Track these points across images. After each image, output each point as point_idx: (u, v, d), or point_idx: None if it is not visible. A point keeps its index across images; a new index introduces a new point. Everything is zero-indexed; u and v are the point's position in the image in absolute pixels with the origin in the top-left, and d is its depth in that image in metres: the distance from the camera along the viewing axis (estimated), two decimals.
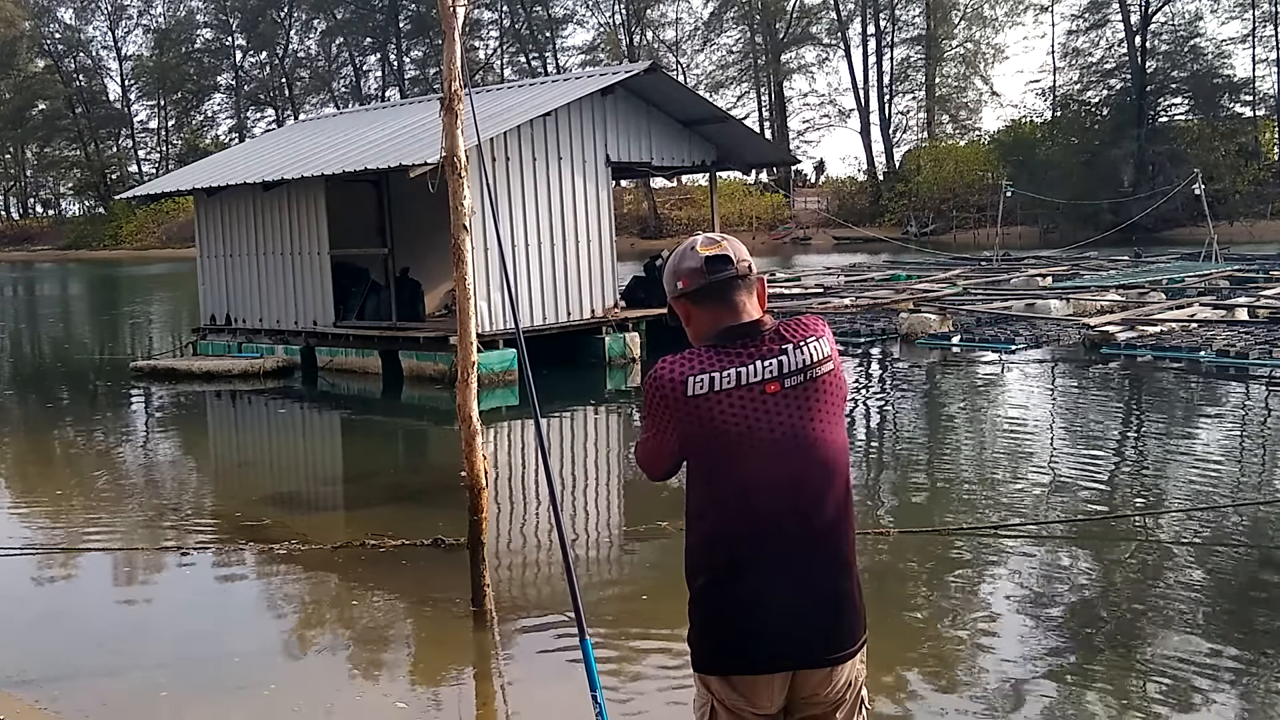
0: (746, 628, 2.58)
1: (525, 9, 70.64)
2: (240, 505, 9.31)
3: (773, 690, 2.61)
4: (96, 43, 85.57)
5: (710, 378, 2.57)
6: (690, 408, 2.57)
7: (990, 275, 26.26)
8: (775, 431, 2.57)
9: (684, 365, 2.60)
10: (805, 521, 2.59)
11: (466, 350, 6.13)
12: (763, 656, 2.59)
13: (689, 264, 2.68)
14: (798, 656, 2.60)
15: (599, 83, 16.75)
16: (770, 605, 2.57)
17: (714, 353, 2.61)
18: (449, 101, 6.00)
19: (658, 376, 2.62)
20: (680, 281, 2.69)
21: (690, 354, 2.63)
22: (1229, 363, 14.00)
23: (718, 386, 2.57)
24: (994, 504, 8.32)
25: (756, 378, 2.58)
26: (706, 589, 2.63)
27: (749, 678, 2.60)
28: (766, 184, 62.60)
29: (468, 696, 5.40)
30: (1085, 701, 4.97)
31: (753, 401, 2.57)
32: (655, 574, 6.73)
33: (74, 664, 5.80)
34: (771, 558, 2.58)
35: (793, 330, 2.65)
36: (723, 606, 2.61)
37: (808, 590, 2.60)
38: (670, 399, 2.59)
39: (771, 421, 2.57)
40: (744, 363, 2.58)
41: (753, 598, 2.58)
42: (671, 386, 2.59)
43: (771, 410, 2.58)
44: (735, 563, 2.59)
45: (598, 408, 13.96)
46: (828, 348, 2.65)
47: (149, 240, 73.36)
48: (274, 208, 17.13)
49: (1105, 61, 58.05)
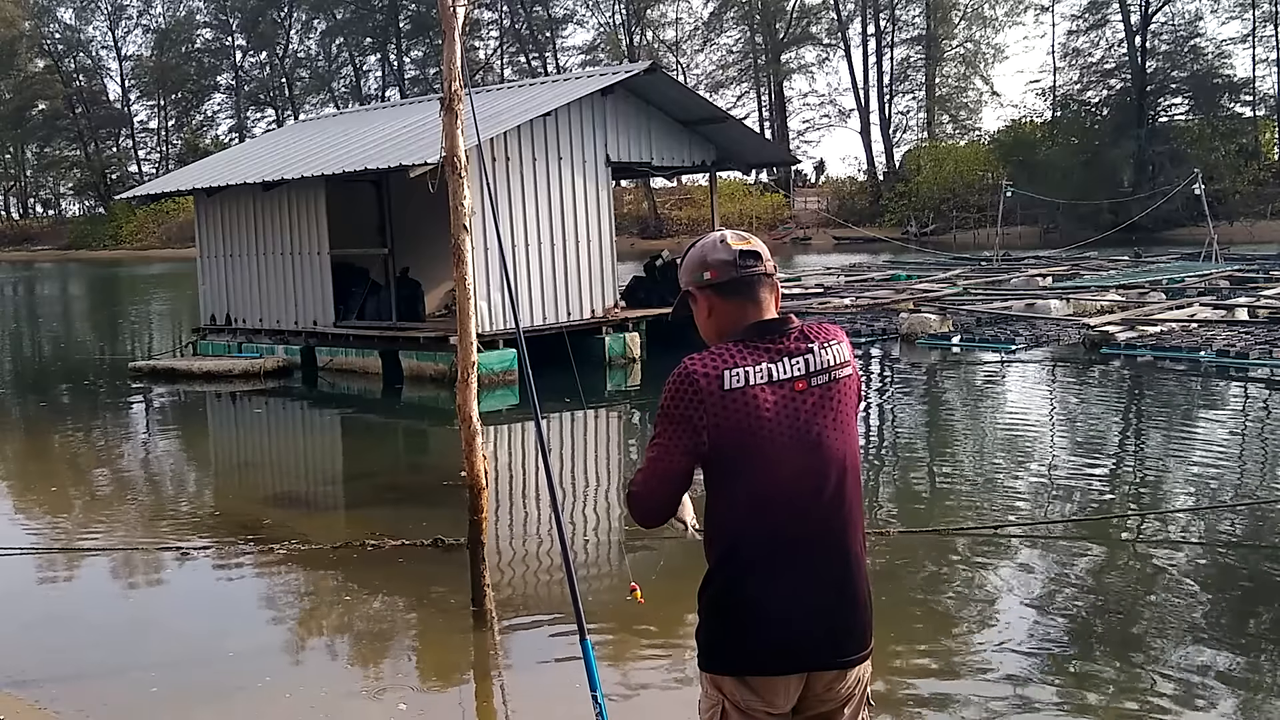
0: (769, 627, 2.56)
1: (525, 9, 70.63)
2: (240, 505, 9.32)
3: (790, 689, 2.59)
4: (96, 43, 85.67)
5: (745, 372, 2.53)
6: (727, 401, 2.51)
7: (990, 275, 26.26)
8: (800, 429, 2.56)
9: (716, 360, 2.55)
10: (826, 520, 2.59)
11: (466, 350, 6.13)
12: (786, 656, 2.57)
13: (720, 256, 2.64)
14: (821, 656, 2.59)
15: (599, 83, 16.75)
16: (793, 604, 2.56)
17: (744, 348, 2.57)
18: (449, 101, 6.00)
19: (689, 372, 2.54)
20: (709, 273, 2.64)
21: (719, 350, 2.58)
22: (1229, 363, 14.00)
23: (752, 381, 2.53)
24: (994, 504, 8.32)
25: (786, 374, 2.56)
26: (727, 588, 2.59)
27: (767, 678, 2.57)
28: (766, 184, 62.60)
29: (468, 696, 5.40)
30: (1085, 701, 4.97)
31: (783, 398, 2.55)
32: (657, 573, 6.72)
33: (74, 664, 5.80)
34: (794, 556, 2.56)
35: (816, 331, 2.65)
36: (744, 606, 2.57)
37: (830, 589, 2.60)
38: (704, 393, 2.51)
39: (797, 419, 2.56)
40: (774, 359, 2.56)
41: (776, 597, 2.56)
42: (706, 380, 2.51)
43: (799, 408, 2.57)
44: (757, 561, 2.56)
45: (598, 408, 13.96)
46: (848, 353, 2.67)
47: (149, 240, 73.31)
48: (274, 208, 17.12)
49: (1105, 61, 58.09)
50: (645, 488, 2.66)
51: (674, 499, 2.66)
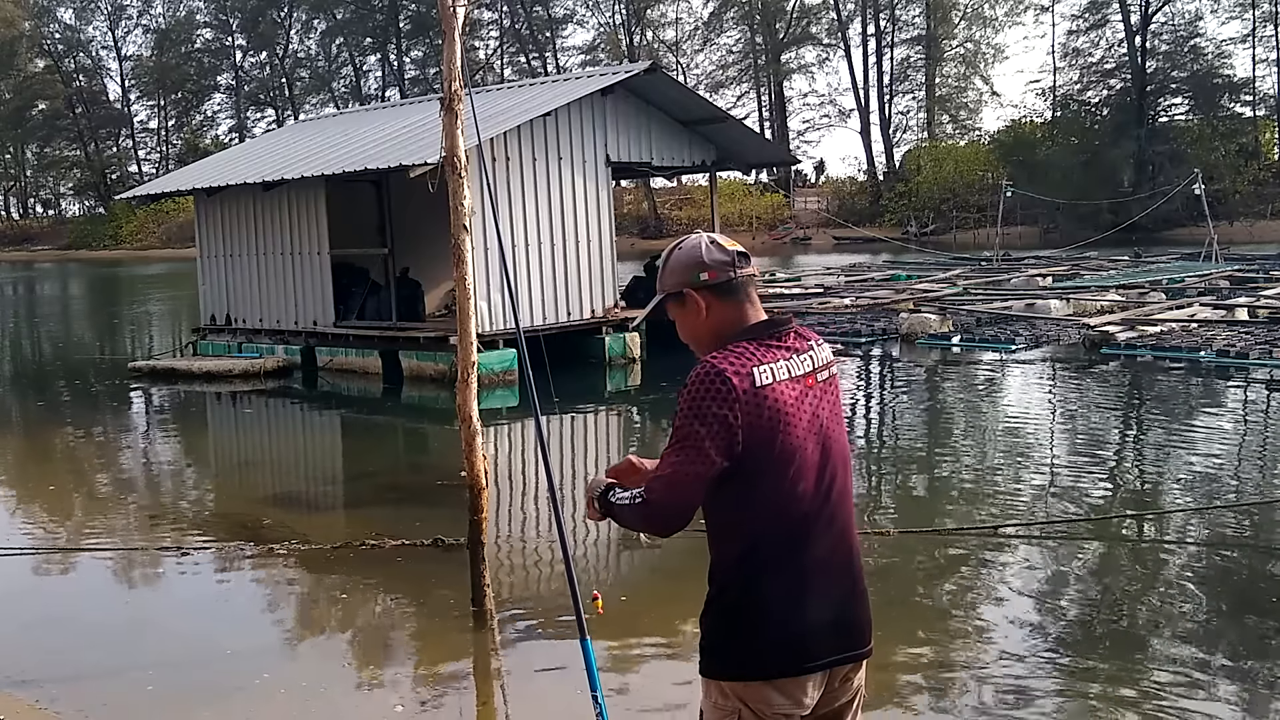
0: (793, 625, 2.54)
1: (525, 9, 70.62)
2: (240, 505, 9.32)
3: (816, 686, 2.58)
4: (96, 43, 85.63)
5: (771, 369, 2.52)
6: (759, 398, 2.48)
7: (990, 275, 26.27)
8: (816, 424, 2.58)
9: (743, 359, 2.51)
10: (835, 516, 2.61)
11: (466, 350, 6.13)
12: (811, 653, 2.55)
13: (717, 256, 2.64)
14: (841, 649, 2.60)
15: (599, 83, 16.75)
16: (814, 600, 2.55)
17: (756, 345, 2.56)
18: (449, 101, 6.00)
19: (718, 370, 2.48)
20: (706, 273, 2.62)
21: (739, 349, 2.54)
22: (1229, 363, 14.00)
23: (778, 377, 2.53)
24: (994, 504, 8.32)
25: (800, 370, 2.58)
26: (746, 589, 2.55)
27: (799, 678, 2.55)
28: (766, 184, 62.58)
29: (468, 696, 5.40)
30: (1085, 701, 4.97)
31: (800, 394, 2.56)
32: (656, 574, 6.73)
33: (74, 664, 5.80)
34: (812, 552, 2.56)
35: (806, 331, 2.69)
36: (766, 606, 2.54)
37: (843, 581, 2.62)
38: (737, 391, 2.45)
39: (813, 415, 2.57)
40: (787, 356, 2.57)
41: (797, 594, 2.55)
42: (739, 379, 2.47)
43: (812, 404, 2.58)
44: (776, 560, 2.55)
45: (598, 408, 13.96)
46: (831, 352, 2.72)
47: (149, 240, 73.32)
48: (274, 208, 17.12)
49: (1105, 61, 58.08)
50: (669, 495, 2.55)
51: (694, 505, 2.57)
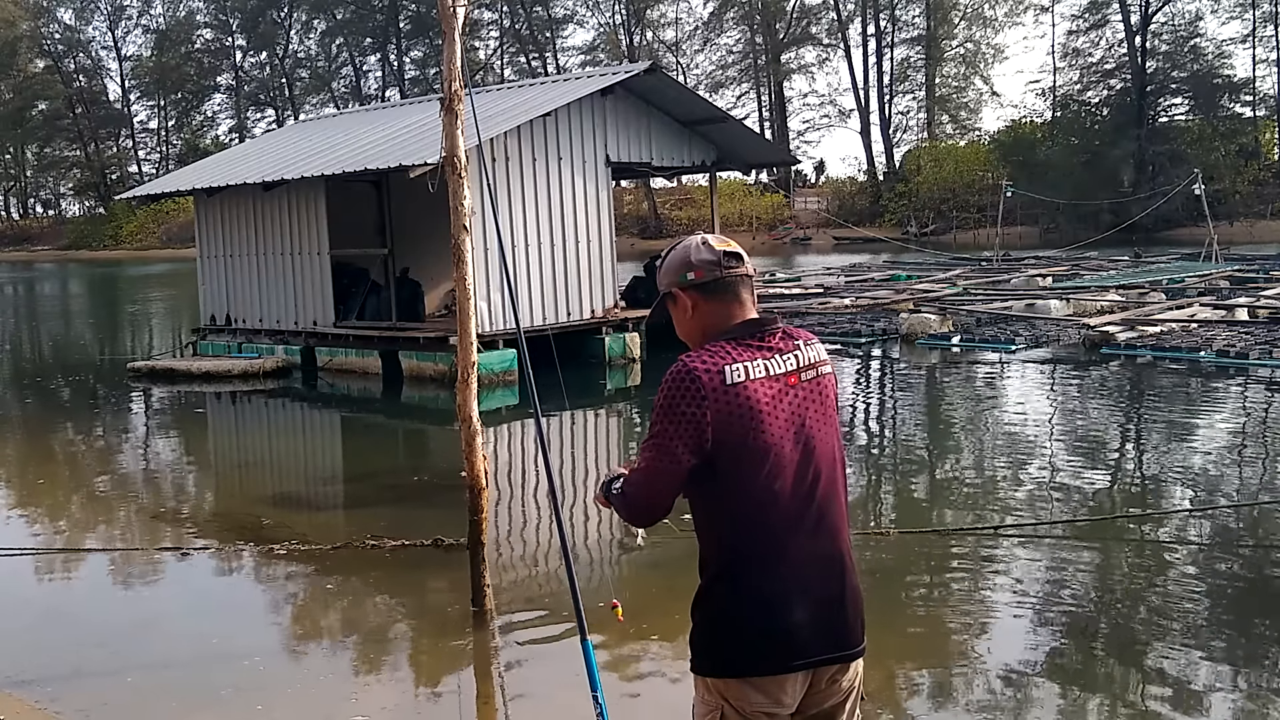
0: (774, 624, 2.55)
1: (525, 9, 70.64)
2: (240, 505, 9.32)
3: (797, 686, 2.59)
4: (96, 43, 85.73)
5: (744, 367, 2.55)
6: (729, 395, 2.52)
7: (990, 275, 26.28)
8: (796, 422, 2.59)
9: (714, 357, 2.56)
10: (821, 515, 2.61)
11: (466, 350, 6.13)
12: (793, 652, 2.56)
13: (704, 256, 2.68)
14: (825, 649, 2.60)
15: (599, 83, 16.76)
16: (796, 599, 2.56)
17: (736, 345, 2.59)
18: (449, 101, 6.00)
19: (689, 369, 2.54)
20: (693, 273, 2.67)
21: (714, 348, 2.59)
22: (1229, 363, 14.00)
23: (752, 375, 2.56)
24: (994, 504, 8.32)
25: (780, 370, 2.60)
26: (728, 588, 2.58)
27: (777, 677, 2.56)
28: (766, 184, 62.61)
29: (468, 696, 5.40)
30: (1085, 702, 4.97)
31: (779, 392, 2.58)
32: (656, 573, 6.73)
33: (74, 664, 5.79)
34: (794, 552, 2.57)
35: (795, 331, 2.71)
36: (747, 604, 2.56)
37: (829, 582, 2.62)
38: (706, 389, 2.51)
39: (793, 414, 2.59)
40: (768, 355, 2.60)
41: (778, 593, 2.55)
42: (709, 376, 2.52)
43: (793, 403, 2.60)
44: (758, 558, 2.56)
45: (598, 408, 13.96)
46: (824, 352, 2.73)
47: (149, 240, 73.38)
48: (274, 208, 17.12)
49: (1105, 62, 58.15)
50: (642, 488, 2.64)
51: (669, 500, 2.63)
